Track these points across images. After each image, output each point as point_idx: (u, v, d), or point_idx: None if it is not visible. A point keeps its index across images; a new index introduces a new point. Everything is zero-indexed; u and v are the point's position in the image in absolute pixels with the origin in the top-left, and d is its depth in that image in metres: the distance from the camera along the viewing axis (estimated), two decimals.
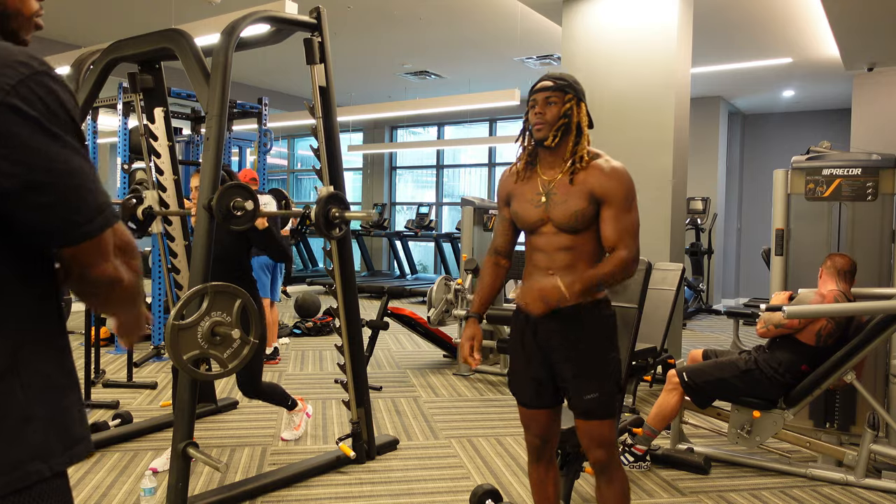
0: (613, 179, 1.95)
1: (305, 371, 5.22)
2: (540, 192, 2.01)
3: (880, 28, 5.95)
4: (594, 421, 2.00)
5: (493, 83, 9.37)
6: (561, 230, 1.98)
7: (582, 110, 2.01)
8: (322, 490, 2.94)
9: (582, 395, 1.98)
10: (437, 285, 5.17)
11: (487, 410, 4.29)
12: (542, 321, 2.01)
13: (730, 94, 9.49)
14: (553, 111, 1.97)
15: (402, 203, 13.22)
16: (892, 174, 3.68)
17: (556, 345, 2.01)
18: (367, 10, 6.48)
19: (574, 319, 1.98)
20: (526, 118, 2.06)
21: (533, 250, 2.06)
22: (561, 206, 1.96)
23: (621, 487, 2.07)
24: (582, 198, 1.94)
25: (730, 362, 3.19)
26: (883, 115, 7.51)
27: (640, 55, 5.03)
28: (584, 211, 1.95)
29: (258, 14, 2.89)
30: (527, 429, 2.18)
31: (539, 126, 1.98)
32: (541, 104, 1.98)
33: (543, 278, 1.97)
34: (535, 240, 2.04)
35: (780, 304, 3.20)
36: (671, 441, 3.43)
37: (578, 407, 2.01)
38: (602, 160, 1.99)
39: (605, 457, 2.03)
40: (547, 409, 2.12)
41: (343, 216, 2.98)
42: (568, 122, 1.98)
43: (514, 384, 2.18)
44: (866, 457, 3.07)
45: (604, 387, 1.99)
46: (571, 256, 1.98)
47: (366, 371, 3.38)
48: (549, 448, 2.18)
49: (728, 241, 10.36)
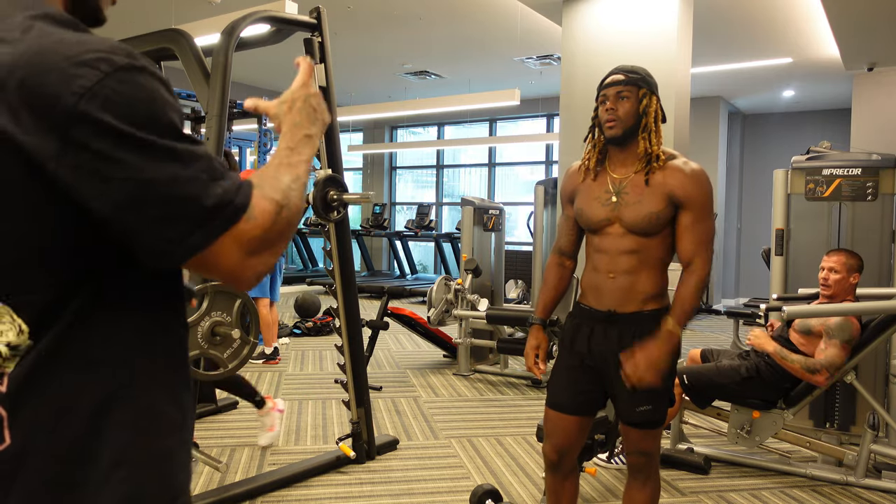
0: (695, 183, 1.85)
1: (305, 371, 5.22)
2: (610, 191, 1.91)
3: (880, 28, 5.95)
4: (642, 431, 1.94)
5: (493, 83, 9.37)
6: (630, 232, 1.87)
7: (654, 104, 1.90)
8: (322, 490, 2.94)
9: (635, 407, 1.90)
10: (437, 285, 5.17)
11: (487, 410, 4.29)
12: (599, 325, 1.93)
13: (730, 94, 9.49)
14: (626, 106, 1.87)
15: (402, 203, 13.22)
16: (892, 174, 3.68)
17: (611, 352, 1.90)
18: (367, 10, 6.48)
19: (636, 326, 1.89)
20: (595, 114, 1.96)
21: (594, 252, 1.96)
22: (634, 206, 1.86)
23: (653, 491, 2.02)
24: (660, 199, 1.84)
25: (731, 368, 3.18)
26: (883, 115, 7.51)
27: (640, 55, 5.03)
28: (661, 213, 1.85)
29: (258, 14, 2.89)
30: (548, 437, 2.04)
31: (611, 123, 1.87)
32: (612, 99, 1.88)
33: (605, 282, 1.90)
34: (599, 241, 1.94)
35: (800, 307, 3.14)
36: (671, 441, 3.43)
37: (629, 417, 1.93)
38: (680, 161, 1.89)
39: (644, 461, 1.99)
40: (579, 416, 2.00)
41: (341, 198, 2.96)
42: (641, 117, 1.88)
43: (555, 386, 2.04)
44: (866, 457, 3.07)
45: (658, 399, 1.91)
46: (636, 261, 1.88)
47: (366, 371, 3.38)
48: (567, 461, 2.06)
49: (728, 241, 10.36)
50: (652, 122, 1.89)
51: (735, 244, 10.63)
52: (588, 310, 1.97)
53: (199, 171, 0.72)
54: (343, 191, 3.00)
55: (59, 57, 0.66)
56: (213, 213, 0.72)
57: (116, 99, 0.67)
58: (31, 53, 0.67)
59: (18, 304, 0.71)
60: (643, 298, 1.89)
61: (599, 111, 1.93)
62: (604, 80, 1.93)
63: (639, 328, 1.88)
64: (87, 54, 0.67)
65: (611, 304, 1.91)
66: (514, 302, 7.43)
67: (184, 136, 0.73)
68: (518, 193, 11.50)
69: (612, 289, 1.90)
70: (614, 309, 1.91)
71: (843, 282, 3.12)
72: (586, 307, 1.98)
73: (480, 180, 12.17)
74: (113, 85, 0.67)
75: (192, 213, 0.71)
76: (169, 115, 0.71)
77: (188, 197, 0.71)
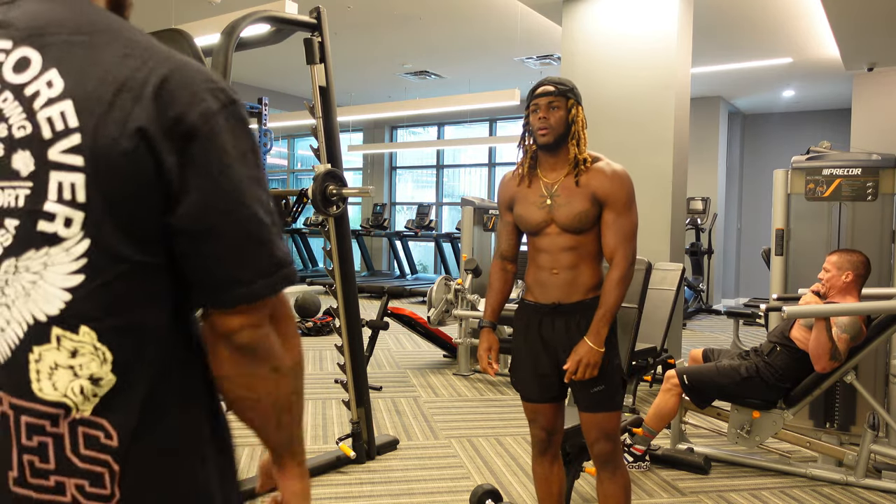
0: (615, 182, 2.01)
1: (305, 371, 5.21)
2: (544, 195, 2.06)
3: (880, 28, 5.94)
4: (600, 413, 2.05)
5: (493, 83, 9.37)
6: (565, 231, 2.03)
7: (581, 114, 2.07)
8: (322, 490, 2.94)
9: (589, 389, 2.03)
10: (437, 285, 5.17)
11: (487, 410, 4.29)
12: (546, 316, 2.08)
13: (730, 94, 9.49)
14: (557, 115, 2.02)
15: (402, 203, 13.22)
16: (892, 174, 3.68)
17: (561, 339, 2.06)
18: (367, 10, 6.48)
19: (578, 314, 2.05)
20: (526, 121, 2.10)
21: (537, 251, 2.10)
22: (565, 207, 2.02)
23: (624, 481, 2.12)
24: (585, 199, 2.00)
25: (731, 368, 3.18)
26: (883, 115, 7.50)
27: (640, 55, 5.03)
28: (588, 212, 2.00)
29: (258, 14, 2.89)
30: (532, 422, 2.21)
31: (544, 131, 2.02)
32: (544, 109, 2.03)
33: (548, 278, 2.05)
34: (539, 241, 2.09)
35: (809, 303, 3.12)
36: (671, 441, 3.43)
37: (585, 400, 2.06)
38: (603, 163, 2.05)
39: (609, 449, 2.08)
40: (552, 403, 2.16)
41: (340, 193, 2.97)
42: (570, 125, 2.03)
43: (517, 380, 2.20)
44: (866, 457, 3.07)
45: (610, 379, 2.04)
46: (575, 256, 2.04)
47: (366, 371, 3.38)
48: (554, 441, 2.21)
49: (728, 241, 10.36)
50: (580, 130, 2.05)
51: (735, 244, 10.62)
52: (534, 304, 2.12)
53: (274, 218, 0.73)
54: (342, 185, 3.00)
55: (191, 77, 0.70)
56: (278, 267, 0.72)
57: (231, 128, 0.70)
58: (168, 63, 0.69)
59: (103, 329, 0.66)
60: (585, 289, 2.06)
61: (532, 119, 2.06)
62: (534, 91, 2.07)
63: (583, 315, 2.04)
64: (210, 82, 0.71)
65: (556, 297, 2.06)
66: (513, 302, 7.42)
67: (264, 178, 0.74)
68: None
69: (557, 283, 2.06)
70: (560, 301, 2.06)
71: (834, 280, 3.13)
72: (532, 302, 2.13)
73: (480, 180, 12.16)
74: (229, 115, 0.70)
75: (264, 261, 0.71)
76: (259, 154, 0.73)
77: (264, 241, 0.71)
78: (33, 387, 0.65)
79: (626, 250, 2.01)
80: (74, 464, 0.65)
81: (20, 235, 0.66)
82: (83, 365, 0.65)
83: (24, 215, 0.65)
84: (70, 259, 0.65)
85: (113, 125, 0.65)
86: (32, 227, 0.65)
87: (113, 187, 0.65)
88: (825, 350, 2.94)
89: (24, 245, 0.66)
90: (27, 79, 0.67)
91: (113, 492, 0.65)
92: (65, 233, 0.65)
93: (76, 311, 0.65)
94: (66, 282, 0.65)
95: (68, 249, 0.65)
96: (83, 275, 0.65)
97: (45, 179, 0.65)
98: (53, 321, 0.65)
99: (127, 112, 0.65)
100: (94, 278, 0.65)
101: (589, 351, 1.97)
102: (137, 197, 0.66)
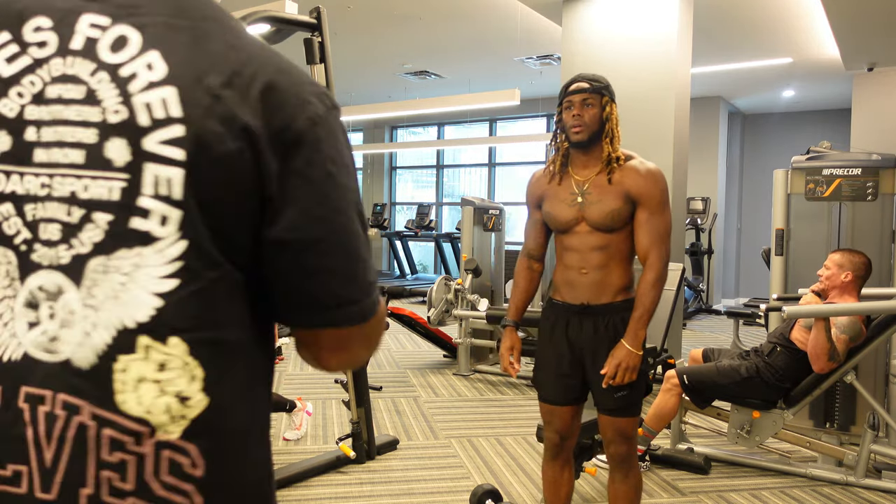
0: (649, 180, 1.98)
1: (306, 371, 5.22)
2: (575, 192, 2.02)
3: (880, 28, 5.94)
4: (621, 418, 2.04)
5: (493, 83, 9.36)
6: (596, 229, 1.99)
7: (615, 111, 2.03)
8: (322, 490, 2.94)
9: (612, 393, 2.00)
10: (437, 285, 5.17)
11: (487, 410, 4.29)
12: (574, 317, 2.04)
13: (730, 94, 9.48)
14: (591, 113, 1.99)
15: (402, 203, 13.22)
16: (892, 174, 3.68)
17: (589, 341, 2.03)
18: (367, 10, 6.48)
19: (607, 316, 2.01)
20: (559, 119, 2.06)
21: (565, 250, 2.07)
22: (596, 205, 1.98)
23: (636, 482, 2.11)
24: (618, 197, 1.97)
25: (731, 368, 3.18)
26: (883, 115, 7.50)
27: (640, 55, 5.03)
28: (621, 210, 1.97)
29: (258, 14, 2.89)
30: (547, 424, 2.17)
31: (578, 128, 1.99)
32: (578, 106, 1.99)
33: (577, 277, 2.02)
34: (568, 240, 2.05)
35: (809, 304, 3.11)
36: (671, 441, 3.43)
37: (607, 404, 2.03)
38: (637, 161, 2.02)
39: (625, 451, 2.07)
40: (571, 405, 2.13)
41: None
42: (604, 123, 2.00)
43: (538, 379, 2.17)
44: (866, 457, 3.07)
45: (635, 384, 2.01)
46: (604, 256, 2.00)
47: (366, 371, 3.38)
48: (567, 447, 2.18)
49: (728, 241, 10.36)
50: (614, 127, 2.02)
51: (735, 244, 10.62)
52: (562, 304, 2.09)
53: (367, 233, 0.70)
54: None
55: (299, 79, 0.65)
56: (370, 289, 0.68)
57: (335, 135, 0.66)
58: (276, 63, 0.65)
59: (195, 342, 0.61)
60: (614, 290, 2.02)
61: (565, 116, 2.03)
62: (568, 87, 2.02)
63: (612, 317, 2.01)
64: (315, 86, 0.66)
65: (585, 298, 2.03)
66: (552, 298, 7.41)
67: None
68: (518, 193, 11.45)
69: (586, 283, 2.02)
70: (588, 301, 2.03)
71: (834, 278, 3.14)
72: (560, 302, 2.10)
73: (480, 180, 12.16)
74: (332, 121, 0.66)
75: (361, 280, 0.67)
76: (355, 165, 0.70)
77: (360, 259, 0.67)
78: (117, 398, 0.59)
79: (661, 251, 1.97)
80: (153, 490, 0.59)
81: (112, 231, 0.59)
82: (171, 380, 0.59)
83: (118, 209, 0.59)
84: (164, 261, 0.60)
85: (219, 120, 0.60)
86: (125, 223, 0.59)
87: (210, 186, 0.60)
88: (823, 350, 2.94)
89: (115, 243, 0.59)
90: (124, 58, 0.61)
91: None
92: (159, 232, 0.59)
93: (167, 319, 0.59)
94: (159, 286, 0.59)
95: (162, 251, 0.59)
96: (177, 279, 0.60)
97: (140, 171, 0.59)
98: (142, 329, 0.59)
99: (233, 109, 0.60)
100: (188, 284, 0.60)
101: (628, 354, 1.94)
102: (234, 200, 0.61)
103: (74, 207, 0.60)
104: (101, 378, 0.59)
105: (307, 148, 0.63)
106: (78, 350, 0.59)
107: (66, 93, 0.61)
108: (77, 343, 0.59)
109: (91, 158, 0.60)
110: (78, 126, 0.60)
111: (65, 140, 0.60)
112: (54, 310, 0.60)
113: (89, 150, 0.60)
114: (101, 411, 0.58)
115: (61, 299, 0.60)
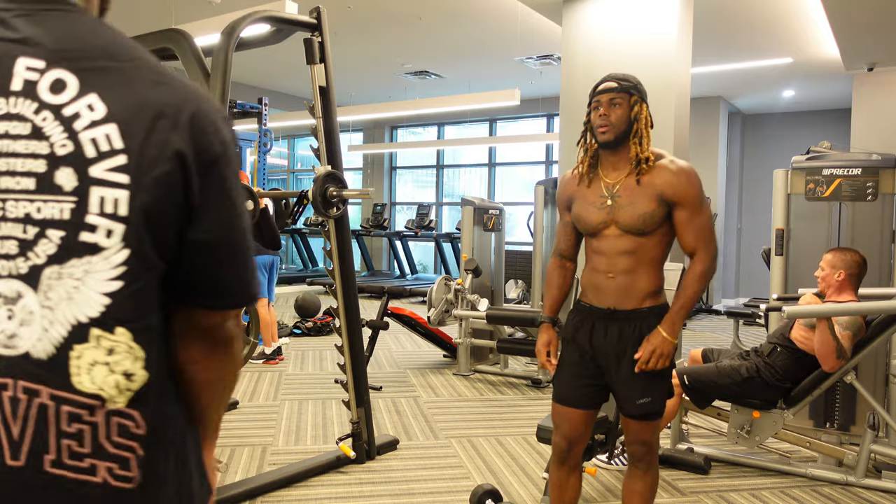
0: (682, 179, 1.94)
1: (305, 371, 5.22)
2: (604, 195, 1.98)
3: (880, 28, 5.95)
4: (643, 422, 2.02)
5: (493, 83, 9.37)
6: (626, 233, 1.94)
7: (644, 111, 1.98)
8: (322, 490, 2.94)
9: (635, 399, 1.98)
10: (437, 285, 5.17)
11: (487, 410, 4.29)
12: (599, 321, 2.01)
13: (730, 94, 9.49)
14: (618, 113, 1.94)
15: (402, 203, 13.22)
16: (892, 174, 3.68)
17: (612, 347, 1.99)
18: (367, 10, 6.48)
19: (633, 322, 1.97)
20: (588, 119, 2.02)
21: (593, 253, 2.03)
22: (628, 208, 1.93)
23: (653, 479, 2.11)
24: (651, 199, 1.92)
25: (731, 369, 3.18)
26: (883, 115, 7.50)
27: (640, 55, 5.03)
28: (654, 213, 1.92)
29: (258, 14, 2.89)
30: (556, 428, 2.13)
31: (604, 128, 1.94)
32: (605, 106, 1.95)
33: (604, 281, 1.98)
34: (597, 243, 2.01)
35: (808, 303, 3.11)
36: (671, 441, 3.43)
37: (630, 409, 2.02)
38: (667, 160, 1.97)
39: (646, 450, 2.08)
40: (584, 409, 2.08)
41: (340, 194, 2.98)
42: (633, 123, 1.96)
43: (559, 381, 2.12)
44: (866, 457, 3.07)
45: (658, 391, 2.00)
46: (633, 260, 1.95)
47: (366, 371, 3.38)
48: (574, 453, 2.13)
49: (728, 241, 10.36)
50: (643, 128, 1.97)
51: (735, 244, 10.62)
52: (589, 307, 2.05)
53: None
54: (342, 187, 3.01)
55: (213, 107, 0.79)
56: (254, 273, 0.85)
57: (234, 153, 0.80)
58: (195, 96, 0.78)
59: (137, 330, 0.75)
60: (642, 296, 1.97)
61: (592, 116, 1.99)
62: (597, 87, 1.99)
63: (638, 324, 1.97)
64: (221, 111, 0.81)
65: (611, 302, 1.99)
66: (513, 302, 7.43)
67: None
68: (518, 193, 11.49)
69: (613, 288, 1.98)
70: (615, 307, 1.99)
71: (828, 279, 3.16)
72: (587, 305, 2.06)
73: (480, 180, 12.16)
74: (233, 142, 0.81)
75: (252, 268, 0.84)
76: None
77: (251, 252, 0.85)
78: (73, 380, 0.72)
79: (710, 246, 1.94)
80: (107, 449, 0.73)
81: (64, 245, 0.71)
82: (118, 362, 0.73)
83: (68, 226, 0.71)
84: (109, 267, 0.72)
85: (154, 148, 0.73)
86: (75, 237, 0.71)
87: (151, 202, 0.72)
88: (831, 349, 2.94)
89: (67, 254, 0.71)
90: (65, 100, 0.72)
91: (137, 473, 0.75)
92: (105, 243, 0.72)
93: (114, 313, 0.73)
94: (106, 287, 0.72)
95: (108, 258, 0.72)
96: (121, 281, 0.73)
97: (86, 194, 0.71)
98: (93, 323, 0.72)
99: (166, 137, 0.73)
100: (130, 284, 0.73)
101: (663, 341, 1.91)
102: (169, 211, 0.74)
103: (30, 226, 0.71)
104: (59, 365, 0.71)
105: (221, 166, 0.78)
106: (37, 344, 0.71)
107: (12, 129, 0.72)
108: (36, 338, 0.71)
109: (42, 184, 0.71)
110: (28, 158, 0.71)
111: (16, 170, 0.71)
112: (13, 312, 0.72)
113: (40, 178, 0.71)
114: (59, 392, 0.71)
115: (20, 303, 0.72)
